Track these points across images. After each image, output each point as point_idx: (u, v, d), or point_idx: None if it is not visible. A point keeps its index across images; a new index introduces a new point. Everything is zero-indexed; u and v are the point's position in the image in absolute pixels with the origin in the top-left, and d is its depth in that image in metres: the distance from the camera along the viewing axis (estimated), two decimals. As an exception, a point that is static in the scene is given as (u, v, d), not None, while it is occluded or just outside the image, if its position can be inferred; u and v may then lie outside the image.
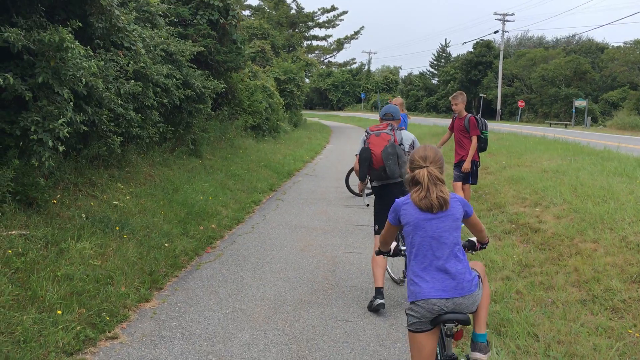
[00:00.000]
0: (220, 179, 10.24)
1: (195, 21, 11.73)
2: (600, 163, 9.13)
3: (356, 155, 5.40)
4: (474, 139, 7.61)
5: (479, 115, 8.16)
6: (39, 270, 4.59)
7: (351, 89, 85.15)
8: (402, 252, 3.38)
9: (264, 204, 9.82)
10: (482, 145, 7.75)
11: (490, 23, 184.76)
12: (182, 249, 6.28)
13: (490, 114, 58.40)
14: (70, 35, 5.73)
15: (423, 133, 22.97)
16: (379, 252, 3.47)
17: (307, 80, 34.43)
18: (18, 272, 4.48)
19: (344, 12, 40.36)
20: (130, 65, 7.40)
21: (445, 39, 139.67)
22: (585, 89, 52.67)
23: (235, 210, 8.60)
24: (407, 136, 5.40)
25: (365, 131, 5.35)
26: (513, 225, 6.74)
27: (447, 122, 8.17)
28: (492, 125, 29.49)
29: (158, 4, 9.28)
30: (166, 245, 6.20)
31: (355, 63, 55.00)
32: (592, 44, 64.80)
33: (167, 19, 10.47)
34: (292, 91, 27.07)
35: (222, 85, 10.89)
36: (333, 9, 39.36)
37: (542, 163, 10.17)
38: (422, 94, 74.90)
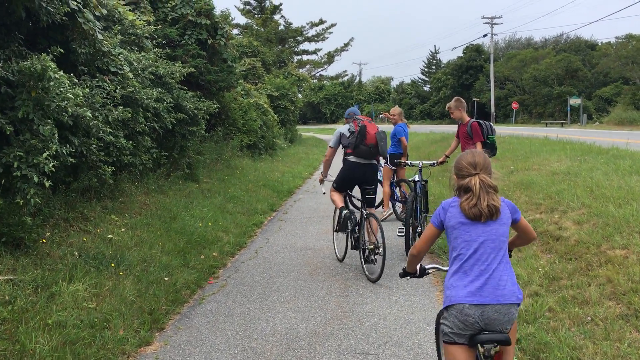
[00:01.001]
0: (218, 202, 9.87)
1: (183, 42, 11.43)
2: (612, 162, 8.78)
3: (330, 147, 6.94)
4: (478, 146, 7.27)
5: (484, 120, 7.81)
6: (28, 319, 4.20)
7: (344, 101, 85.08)
8: (427, 271, 3.17)
9: (266, 226, 9.44)
10: (489, 152, 7.39)
11: (478, 27, 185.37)
12: (184, 282, 5.89)
13: (484, 117, 58.10)
14: (52, 63, 5.39)
15: (421, 141, 22.68)
16: (403, 274, 3.24)
17: (299, 95, 34.17)
18: (5, 323, 4.09)
19: (333, 25, 40.28)
20: (117, 90, 7.06)
21: (435, 46, 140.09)
22: (578, 86, 52.61)
23: (236, 235, 8.22)
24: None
25: (350, 122, 6.74)
26: (532, 234, 6.37)
27: (443, 128, 7.90)
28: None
29: (144, 26, 8.96)
30: (166, 279, 5.81)
31: (347, 75, 55.03)
32: (581, 42, 64.89)
33: (154, 41, 10.16)
34: (286, 107, 26.80)
35: (215, 106, 10.55)
36: (321, 22, 39.26)
37: (550, 165, 9.82)
38: (415, 102, 74.90)
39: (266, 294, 5.77)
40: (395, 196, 9.62)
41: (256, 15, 37.69)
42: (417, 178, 7.58)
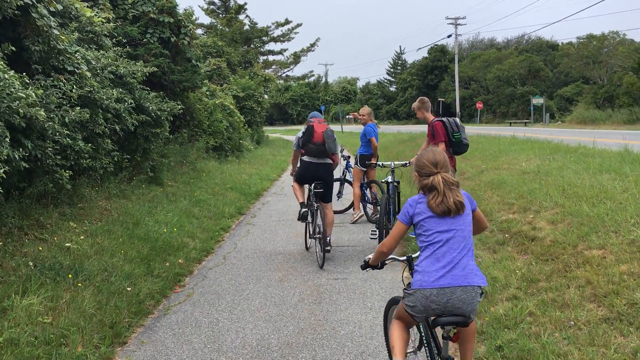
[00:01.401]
0: (184, 206, 9.54)
1: (145, 40, 11.03)
2: (581, 160, 8.79)
3: (294, 149, 7.57)
4: (441, 146, 7.08)
5: (451, 117, 7.66)
6: (-25, 338, 3.86)
7: (310, 101, 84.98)
8: (385, 262, 3.41)
9: (234, 230, 9.16)
10: (455, 149, 7.27)
11: (442, 28, 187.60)
12: (147, 292, 5.58)
13: (450, 117, 58.68)
14: (2, 61, 5.03)
15: (389, 141, 22.61)
16: (365, 266, 3.46)
17: (266, 96, 33.83)
18: (-51, 343, 3.75)
19: (299, 25, 40.01)
20: (74, 90, 6.68)
21: (400, 46, 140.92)
22: (540, 86, 53.64)
23: (203, 241, 7.92)
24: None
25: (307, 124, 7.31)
26: (506, 235, 6.26)
27: (410, 128, 7.86)
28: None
29: (103, 23, 8.56)
30: (128, 289, 5.49)
31: (313, 75, 54.88)
32: (542, 42, 66.20)
33: (113, 40, 9.76)
34: (253, 108, 26.44)
35: (179, 107, 10.21)
36: (287, 22, 38.95)
37: (520, 164, 9.79)
38: (381, 102, 75.28)
39: (235, 303, 5.51)
40: (366, 198, 9.46)
41: (220, 15, 37.15)
42: (389, 179, 7.42)
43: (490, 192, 8.48)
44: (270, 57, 41.58)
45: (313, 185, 7.10)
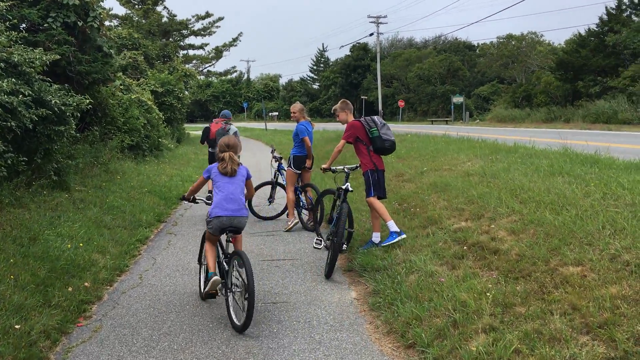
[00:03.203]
0: (94, 215, 8.34)
1: (46, 25, 9.64)
2: (527, 161, 8.38)
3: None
4: (340, 143, 6.79)
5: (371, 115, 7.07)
6: None
7: (232, 98, 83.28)
8: (196, 201, 5.59)
9: (153, 241, 8.09)
10: (375, 146, 6.61)
11: (364, 26, 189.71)
12: (42, 329, 4.49)
13: (373, 115, 59.06)
14: None
15: (316, 139, 21.90)
16: (182, 198, 5.59)
17: (186, 92, 32.26)
18: None
19: (220, 19, 38.46)
20: (-51, 79, 5.42)
21: (323, 44, 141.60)
22: (459, 85, 55.04)
23: (115, 256, 6.81)
24: (233, 128, 9.99)
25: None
26: (464, 247, 5.63)
27: (336, 126, 7.32)
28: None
29: (-11, 2, 7.23)
30: (17, 326, 4.39)
31: (236, 71, 53.40)
32: (459, 43, 68.03)
33: (7, 23, 8.37)
34: (172, 104, 24.95)
35: (88, 101, 8.96)
36: (208, 15, 37.32)
37: (462, 165, 9.31)
38: (304, 100, 74.70)
39: (154, 340, 4.53)
40: (301, 203, 8.65)
41: (136, 6, 35.07)
42: (349, 187, 6.56)
43: (435, 196, 7.89)
44: (191, 52, 39.91)
45: None
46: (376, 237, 6.65)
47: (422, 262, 5.50)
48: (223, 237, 5.19)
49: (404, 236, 6.33)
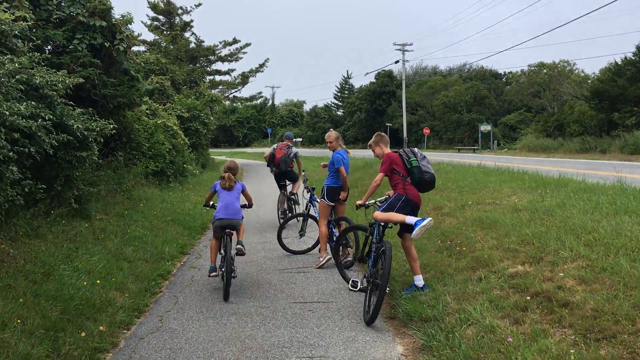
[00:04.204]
0: (114, 246, 7.86)
1: (72, 47, 9.31)
2: (582, 197, 7.68)
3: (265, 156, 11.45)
4: (378, 176, 6.20)
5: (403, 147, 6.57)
6: None
7: (257, 124, 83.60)
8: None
9: (175, 277, 7.54)
10: (415, 178, 6.05)
11: (389, 54, 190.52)
12: (49, 385, 3.94)
13: (397, 142, 58.67)
14: None
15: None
16: (205, 205, 7.57)
17: (212, 118, 32.16)
18: None
19: (247, 45, 38.57)
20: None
21: (347, 71, 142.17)
22: (485, 113, 54.21)
23: (135, 294, 6.27)
24: (294, 150, 11.26)
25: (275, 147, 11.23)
26: (526, 297, 4.95)
27: (362, 153, 6.81)
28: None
29: (10, 21, 6.87)
30: (20, 383, 3.83)
31: (261, 97, 53.38)
32: (485, 71, 67.41)
33: (31, 44, 8.03)
34: (198, 129, 24.70)
35: (112, 126, 8.55)
36: (235, 41, 37.41)
37: (507, 199, 8.63)
38: (328, 126, 74.47)
39: (175, 402, 3.93)
40: (334, 237, 8.04)
41: (165, 32, 35.30)
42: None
43: (481, 233, 7.22)
44: (217, 77, 39.91)
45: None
46: (418, 280, 6.00)
47: (478, 313, 4.83)
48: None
49: (429, 219, 5.77)
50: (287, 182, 11.31)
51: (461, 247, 7.00)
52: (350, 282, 6.09)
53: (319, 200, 8.21)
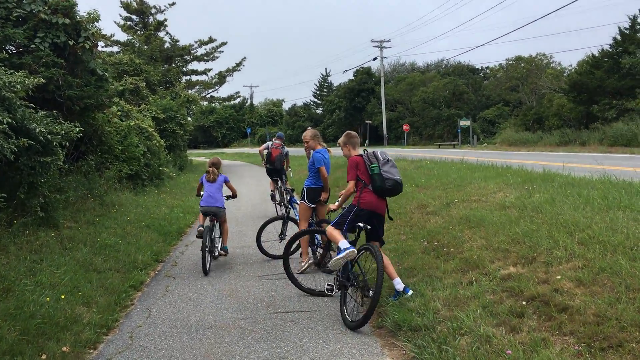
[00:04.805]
0: (83, 256, 7.41)
1: (34, 46, 8.79)
2: (571, 191, 7.42)
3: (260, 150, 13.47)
4: (350, 184, 5.90)
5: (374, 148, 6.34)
6: None
7: (236, 124, 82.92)
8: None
9: (148, 287, 7.11)
10: (376, 186, 5.70)
11: (368, 50, 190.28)
12: (0, 420, 3.52)
13: (377, 139, 58.54)
14: None
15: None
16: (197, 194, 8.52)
17: (189, 118, 31.51)
18: None
19: (223, 44, 37.89)
20: None
21: (326, 69, 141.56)
22: (464, 108, 54.31)
23: (103, 309, 5.83)
24: (285, 149, 12.39)
25: (270, 145, 12.32)
26: (521, 302, 4.63)
27: (340, 151, 6.33)
28: (385, 151, 28.31)
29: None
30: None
31: (240, 96, 52.55)
32: (463, 67, 67.67)
33: (-13, 43, 7.53)
34: (174, 130, 24.15)
35: (78, 129, 8.07)
36: (211, 40, 36.76)
37: (494, 196, 8.35)
38: (308, 125, 74.06)
39: None
40: (316, 241, 7.68)
41: (138, 32, 34.56)
42: (367, 226, 5.69)
43: (469, 232, 6.92)
44: (194, 77, 39.23)
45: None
46: (397, 283, 5.66)
47: (471, 320, 4.51)
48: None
49: (352, 249, 5.49)
50: (277, 178, 12.33)
51: (449, 247, 6.69)
52: (326, 285, 5.94)
53: (299, 202, 7.84)
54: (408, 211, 9.18)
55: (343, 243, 5.55)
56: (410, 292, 5.56)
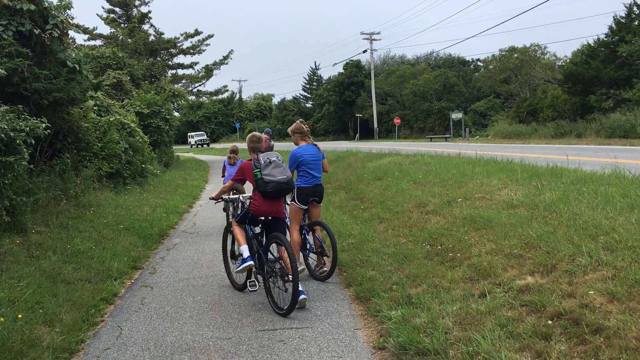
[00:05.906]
0: (50, 265, 6.71)
1: (-5, 35, 8.05)
2: (586, 188, 6.80)
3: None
4: (228, 183, 6.67)
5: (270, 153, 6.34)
6: None
7: (224, 119, 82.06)
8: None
9: (122, 299, 6.42)
10: (260, 189, 5.83)
11: (357, 43, 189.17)
12: None
13: (368, 133, 57.94)
14: None
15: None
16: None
17: (176, 114, 30.66)
18: None
19: (210, 36, 36.93)
20: None
21: (315, 62, 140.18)
22: (455, 101, 53.78)
23: (68, 328, 5.14)
24: (272, 143, 12.95)
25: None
26: (545, 320, 4.00)
27: (333, 145, 5.87)
28: (372, 145, 27.65)
29: None
30: None
31: (227, 90, 51.54)
32: (453, 59, 67.05)
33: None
34: (159, 126, 23.35)
35: (44, 125, 7.35)
36: (197, 33, 35.81)
37: (498, 193, 7.72)
38: (298, 119, 73.23)
39: None
40: (308, 245, 7.02)
41: (122, 25, 33.61)
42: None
43: (475, 235, 6.29)
44: (180, 71, 38.25)
45: None
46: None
47: (489, 343, 3.87)
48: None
49: (249, 263, 5.76)
50: None
51: (454, 252, 6.05)
52: (249, 282, 5.98)
53: (289, 203, 7.17)
54: (406, 210, 8.55)
55: (244, 250, 5.85)
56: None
